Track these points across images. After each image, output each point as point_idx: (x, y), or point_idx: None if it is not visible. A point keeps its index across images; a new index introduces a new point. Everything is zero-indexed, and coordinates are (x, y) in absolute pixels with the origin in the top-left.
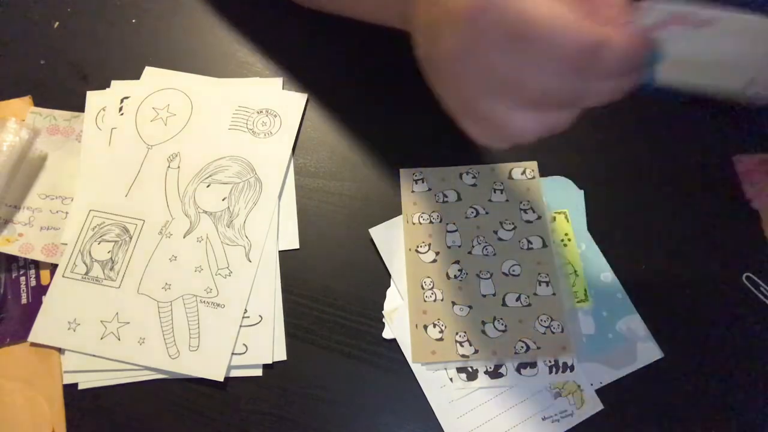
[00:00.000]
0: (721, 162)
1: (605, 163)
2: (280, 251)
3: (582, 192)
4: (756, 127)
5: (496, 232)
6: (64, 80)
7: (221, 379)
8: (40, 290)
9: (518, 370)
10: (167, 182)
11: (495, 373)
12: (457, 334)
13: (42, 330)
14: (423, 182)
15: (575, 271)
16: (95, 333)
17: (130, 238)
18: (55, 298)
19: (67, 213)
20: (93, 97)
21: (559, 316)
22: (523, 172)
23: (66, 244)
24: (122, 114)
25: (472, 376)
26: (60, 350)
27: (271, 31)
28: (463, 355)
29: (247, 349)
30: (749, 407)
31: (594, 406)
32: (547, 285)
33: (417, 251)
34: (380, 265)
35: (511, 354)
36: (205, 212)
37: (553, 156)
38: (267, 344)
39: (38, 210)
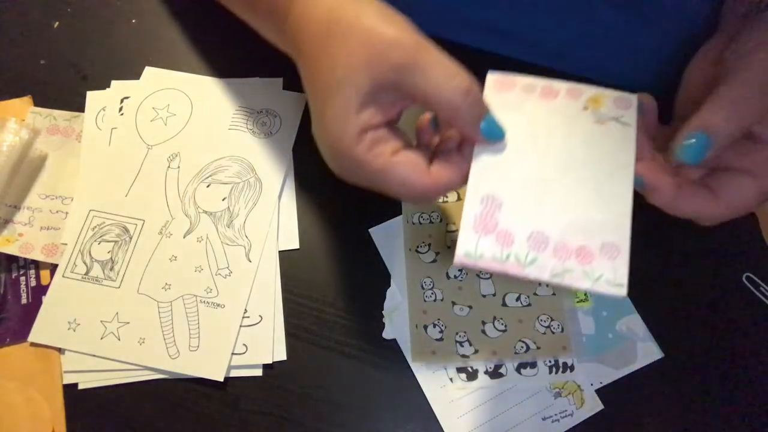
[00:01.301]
0: None
1: None
2: (280, 251)
3: None
4: None
5: None
6: (64, 80)
7: (221, 379)
8: (40, 290)
9: (518, 370)
10: (167, 182)
11: (495, 373)
12: (457, 334)
13: (42, 330)
14: None
15: None
16: (95, 333)
17: (130, 238)
18: (55, 298)
19: (67, 213)
20: (93, 97)
21: (559, 316)
22: None
23: (66, 244)
24: (122, 114)
25: (472, 376)
26: (60, 350)
27: None
28: (463, 355)
29: (247, 349)
30: (749, 407)
31: (594, 406)
32: (547, 285)
33: (417, 251)
34: (380, 265)
35: (511, 354)
36: (205, 212)
37: None
38: (267, 344)
39: (38, 210)
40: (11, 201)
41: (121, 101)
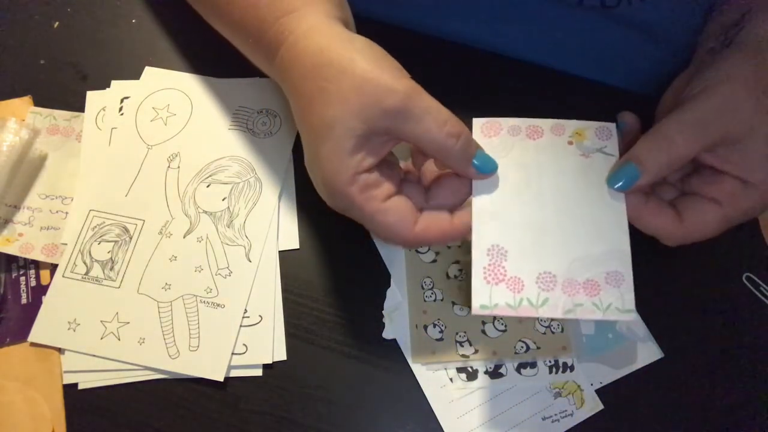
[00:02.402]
0: None
1: None
2: (280, 251)
3: None
4: None
5: None
6: (64, 80)
7: (221, 379)
8: (40, 290)
9: (518, 370)
10: (167, 182)
11: (495, 373)
12: (457, 334)
13: (42, 330)
14: None
15: None
16: (95, 333)
17: (130, 238)
18: (55, 298)
19: (67, 213)
20: (93, 97)
21: None
22: None
23: (66, 244)
24: (122, 114)
25: (472, 376)
26: (60, 350)
27: None
28: (463, 355)
29: (247, 349)
30: (749, 407)
31: (594, 406)
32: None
33: (417, 251)
34: (380, 265)
35: (511, 354)
36: (205, 212)
37: None
38: (267, 344)
39: (38, 210)
40: (11, 201)
41: (121, 101)
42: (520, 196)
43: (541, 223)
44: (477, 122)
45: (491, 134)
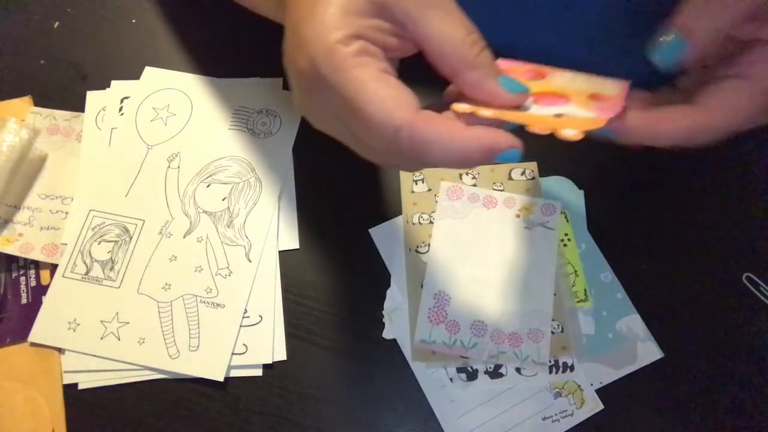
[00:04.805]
0: (720, 162)
1: (605, 163)
2: (280, 251)
3: (582, 192)
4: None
5: None
6: (64, 80)
7: (221, 379)
8: (40, 290)
9: (518, 370)
10: (167, 182)
11: (495, 373)
12: None
13: (42, 330)
14: (423, 182)
15: (575, 271)
16: (95, 333)
17: (130, 238)
18: (55, 298)
19: (67, 213)
20: (93, 97)
21: (559, 316)
22: (523, 173)
23: (66, 244)
24: (122, 114)
25: (472, 376)
26: (60, 350)
27: (271, 31)
28: (463, 356)
29: (247, 349)
30: (749, 407)
31: (594, 406)
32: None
33: (417, 251)
34: (380, 265)
35: None
36: (205, 212)
37: (553, 156)
38: (267, 344)
39: (38, 210)
40: (11, 201)
41: (121, 101)
42: (469, 255)
43: (483, 279)
44: (444, 185)
45: (454, 198)
